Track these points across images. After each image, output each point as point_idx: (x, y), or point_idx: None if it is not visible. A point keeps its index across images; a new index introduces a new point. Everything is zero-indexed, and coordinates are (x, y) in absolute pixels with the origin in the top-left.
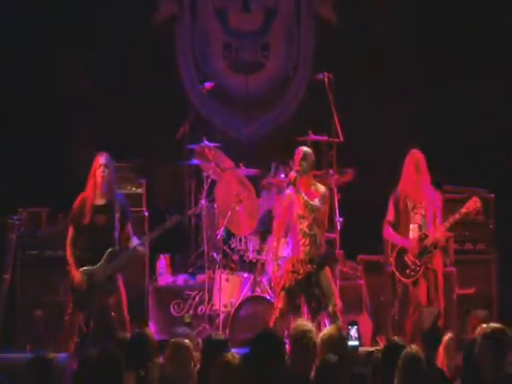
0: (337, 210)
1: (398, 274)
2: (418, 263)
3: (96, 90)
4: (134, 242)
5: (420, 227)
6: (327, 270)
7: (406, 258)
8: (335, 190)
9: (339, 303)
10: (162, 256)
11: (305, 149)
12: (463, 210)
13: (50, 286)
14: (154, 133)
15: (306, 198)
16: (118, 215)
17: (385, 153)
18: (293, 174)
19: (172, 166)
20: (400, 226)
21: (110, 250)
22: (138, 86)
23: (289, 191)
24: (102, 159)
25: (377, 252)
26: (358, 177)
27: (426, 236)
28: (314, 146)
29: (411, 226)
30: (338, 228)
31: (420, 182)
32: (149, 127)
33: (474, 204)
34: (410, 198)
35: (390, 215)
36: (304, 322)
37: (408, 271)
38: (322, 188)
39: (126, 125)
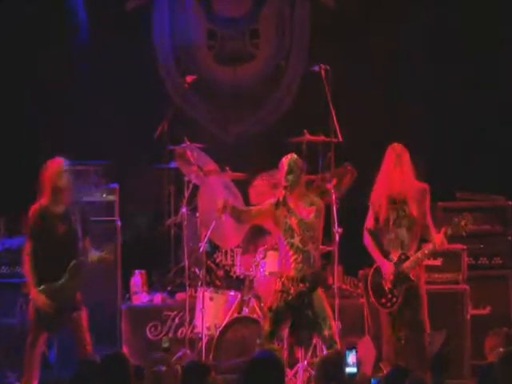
0: (335, 219)
1: (372, 298)
2: (395, 293)
3: (63, 84)
4: (95, 253)
5: (402, 244)
6: (320, 289)
7: (383, 283)
8: (333, 196)
9: (336, 326)
10: (136, 272)
11: (289, 159)
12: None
13: (3, 308)
14: (128, 132)
15: (299, 217)
16: (79, 224)
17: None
18: (281, 193)
19: (149, 170)
20: (384, 233)
21: (74, 262)
22: (110, 81)
23: (272, 200)
24: (59, 163)
25: None
26: (360, 181)
27: (406, 258)
28: (310, 147)
29: (393, 242)
30: (337, 239)
31: (403, 179)
32: (123, 126)
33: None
34: (391, 201)
35: (369, 221)
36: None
37: (384, 300)
38: (316, 201)
39: (96, 123)
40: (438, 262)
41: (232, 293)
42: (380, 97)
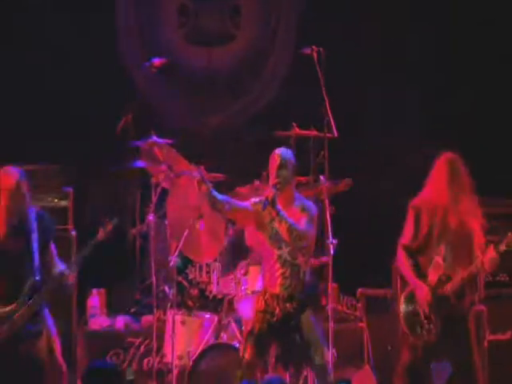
0: (329, 230)
1: (405, 327)
2: (433, 319)
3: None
4: (60, 266)
5: (445, 262)
6: (311, 310)
7: (418, 309)
8: (327, 202)
9: (329, 354)
10: (94, 291)
11: (282, 152)
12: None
13: None
14: (84, 127)
15: (290, 222)
16: (35, 236)
17: (393, 154)
18: (270, 191)
19: (109, 171)
20: (424, 252)
21: (29, 281)
22: (62, 68)
23: (257, 199)
24: (11, 170)
25: (382, 284)
26: (358, 185)
27: (449, 279)
28: (300, 143)
29: (434, 260)
30: (331, 253)
31: (457, 194)
32: (78, 120)
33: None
34: (439, 215)
35: (407, 236)
36: None
37: (419, 328)
38: (309, 205)
39: (47, 117)
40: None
41: (208, 315)
42: (383, 80)
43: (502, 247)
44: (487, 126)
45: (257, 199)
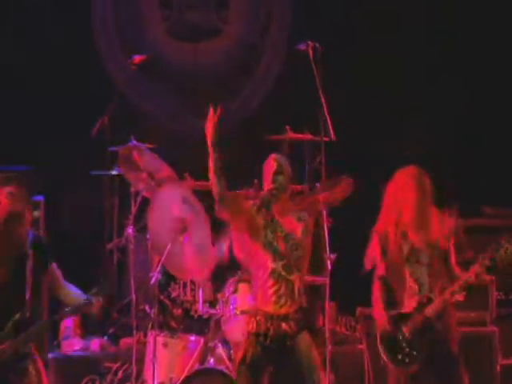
0: (327, 243)
1: (383, 354)
2: (416, 346)
3: None
4: (71, 290)
5: (420, 285)
6: (307, 332)
7: (399, 334)
8: (324, 213)
9: (327, 379)
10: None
11: (279, 158)
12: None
13: None
14: (58, 130)
15: (286, 232)
16: (30, 264)
17: (396, 161)
18: (265, 194)
19: (85, 178)
20: (394, 279)
21: (16, 316)
22: (35, 66)
23: (251, 202)
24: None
25: None
26: (358, 194)
27: (430, 301)
28: (294, 147)
29: (407, 287)
30: (329, 268)
31: (424, 210)
32: (51, 122)
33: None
34: (406, 235)
35: (381, 267)
36: None
37: (400, 356)
38: (305, 216)
39: (17, 119)
40: (460, 297)
41: (192, 337)
42: (383, 83)
43: (486, 262)
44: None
45: (251, 202)
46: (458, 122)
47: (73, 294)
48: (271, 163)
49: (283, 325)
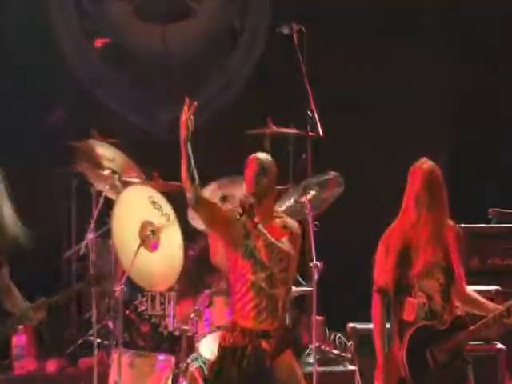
0: (313, 250)
1: (408, 374)
2: (444, 372)
3: None
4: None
5: (420, 306)
6: (290, 352)
7: (429, 356)
8: (310, 216)
9: None
10: (20, 327)
11: (262, 157)
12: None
13: None
14: (6, 122)
15: (271, 239)
16: None
17: (392, 157)
18: (246, 200)
19: (39, 176)
20: (403, 296)
21: None
22: None
23: (230, 207)
24: None
25: None
26: (348, 196)
27: (462, 323)
28: (277, 143)
29: (408, 303)
30: (315, 278)
31: (437, 216)
32: (4, 114)
33: None
34: (414, 244)
35: (380, 277)
36: None
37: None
38: (290, 222)
39: None
40: (459, 311)
41: (162, 356)
42: (378, 68)
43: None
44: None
45: (229, 206)
46: (461, 114)
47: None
48: (253, 164)
49: (263, 342)
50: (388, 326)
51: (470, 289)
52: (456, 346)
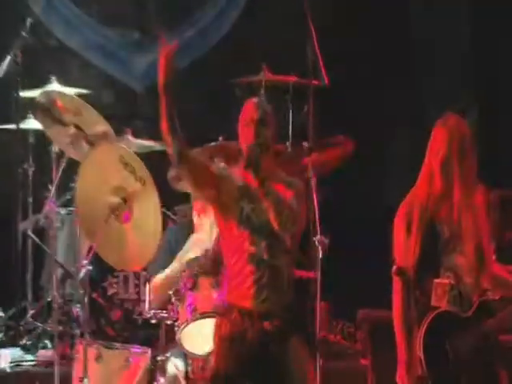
0: (317, 222)
1: (426, 369)
2: (468, 365)
3: None
4: None
5: (452, 288)
6: (299, 338)
7: (450, 347)
8: (313, 182)
9: None
10: None
11: (261, 102)
12: None
13: None
14: None
15: (281, 198)
16: None
17: (412, 112)
18: (255, 150)
19: None
20: (427, 278)
21: None
22: None
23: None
24: None
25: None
26: (358, 160)
27: (488, 309)
28: (274, 93)
29: (434, 284)
30: (320, 256)
31: (465, 181)
32: None
33: None
34: (441, 217)
35: (401, 257)
36: None
37: (446, 376)
38: (294, 181)
39: None
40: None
41: (136, 349)
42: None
43: None
44: None
45: (221, 165)
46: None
47: None
48: (252, 110)
49: (266, 324)
50: None
51: (503, 268)
52: (483, 336)
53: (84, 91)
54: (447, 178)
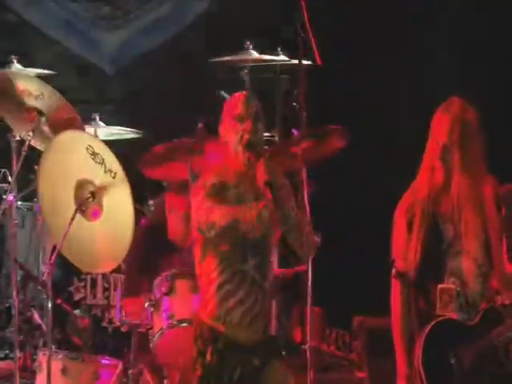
0: (307, 218)
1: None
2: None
3: None
4: None
5: (458, 294)
6: (282, 363)
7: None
8: (304, 174)
9: None
10: None
11: (249, 97)
12: None
13: None
14: None
15: (260, 206)
16: None
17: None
18: (252, 148)
19: None
20: (430, 282)
21: None
22: None
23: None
24: None
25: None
26: (352, 150)
27: (497, 315)
28: (260, 76)
29: (439, 290)
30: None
31: (472, 177)
32: None
33: None
34: (444, 214)
35: (401, 258)
36: None
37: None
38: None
39: None
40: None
41: (106, 360)
42: None
43: None
44: None
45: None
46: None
47: None
48: (245, 104)
49: (255, 360)
50: None
51: None
52: (489, 346)
53: (47, 72)
54: (448, 169)
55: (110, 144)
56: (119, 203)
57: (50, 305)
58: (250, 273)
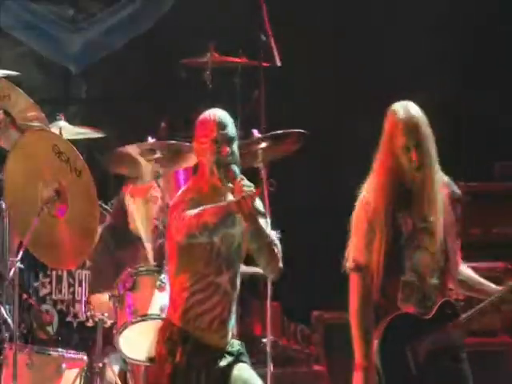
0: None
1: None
2: (427, 373)
3: None
4: None
5: (421, 281)
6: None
7: (409, 354)
8: (264, 174)
9: None
10: None
11: (223, 114)
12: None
13: None
14: None
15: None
16: None
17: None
18: (226, 160)
19: None
20: (390, 276)
21: None
22: None
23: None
24: None
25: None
26: (311, 150)
27: (454, 311)
28: (220, 78)
29: (402, 283)
30: None
31: (424, 171)
32: None
33: None
34: (403, 211)
35: (359, 252)
36: None
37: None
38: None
39: None
40: (460, 295)
41: (71, 354)
42: None
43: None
44: None
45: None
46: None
47: None
48: (220, 130)
49: (222, 362)
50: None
51: (468, 266)
52: (444, 339)
53: (12, 73)
54: (408, 169)
55: (75, 143)
56: (84, 201)
57: (16, 300)
58: (223, 285)
